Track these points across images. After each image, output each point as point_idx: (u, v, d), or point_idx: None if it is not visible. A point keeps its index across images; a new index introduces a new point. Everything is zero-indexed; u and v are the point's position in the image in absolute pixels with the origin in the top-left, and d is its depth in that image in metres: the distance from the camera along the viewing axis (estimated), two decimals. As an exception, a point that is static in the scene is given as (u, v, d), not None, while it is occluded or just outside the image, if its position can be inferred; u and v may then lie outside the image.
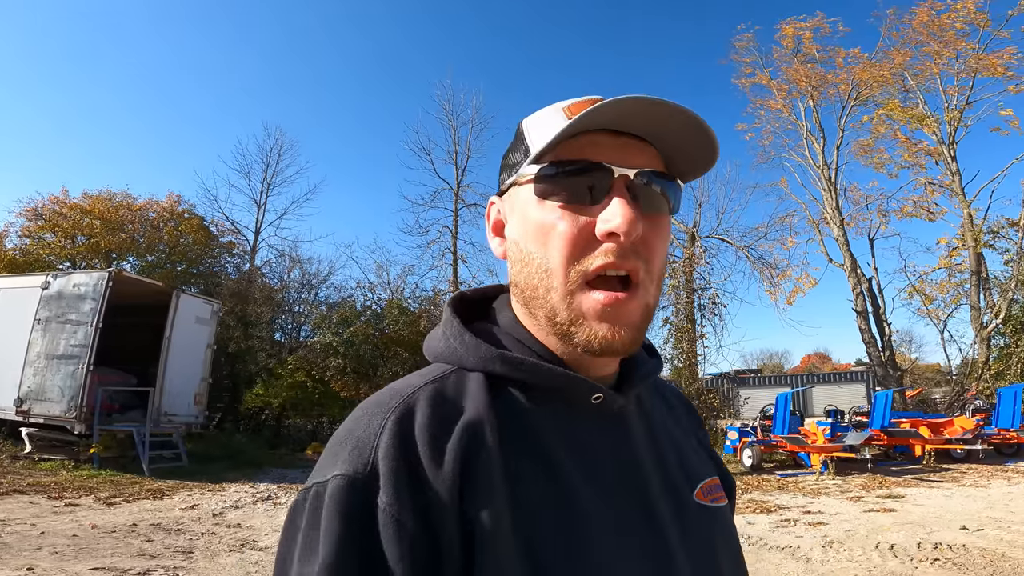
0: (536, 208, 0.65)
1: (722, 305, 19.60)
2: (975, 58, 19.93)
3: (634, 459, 0.68)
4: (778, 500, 9.09)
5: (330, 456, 0.59)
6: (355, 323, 16.72)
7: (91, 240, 20.84)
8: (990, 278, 19.14)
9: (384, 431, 0.57)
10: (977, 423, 12.52)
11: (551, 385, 0.65)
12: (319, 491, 0.56)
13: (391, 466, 0.54)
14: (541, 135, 0.65)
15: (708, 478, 0.75)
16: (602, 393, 0.66)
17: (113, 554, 5.82)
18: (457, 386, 0.64)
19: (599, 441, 0.66)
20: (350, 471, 0.55)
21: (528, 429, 0.62)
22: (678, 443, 0.77)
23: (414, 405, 0.60)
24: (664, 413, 0.80)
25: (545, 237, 0.64)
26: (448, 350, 0.68)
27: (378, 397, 0.63)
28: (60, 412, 11.50)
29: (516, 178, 0.68)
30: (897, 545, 6.14)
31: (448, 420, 0.59)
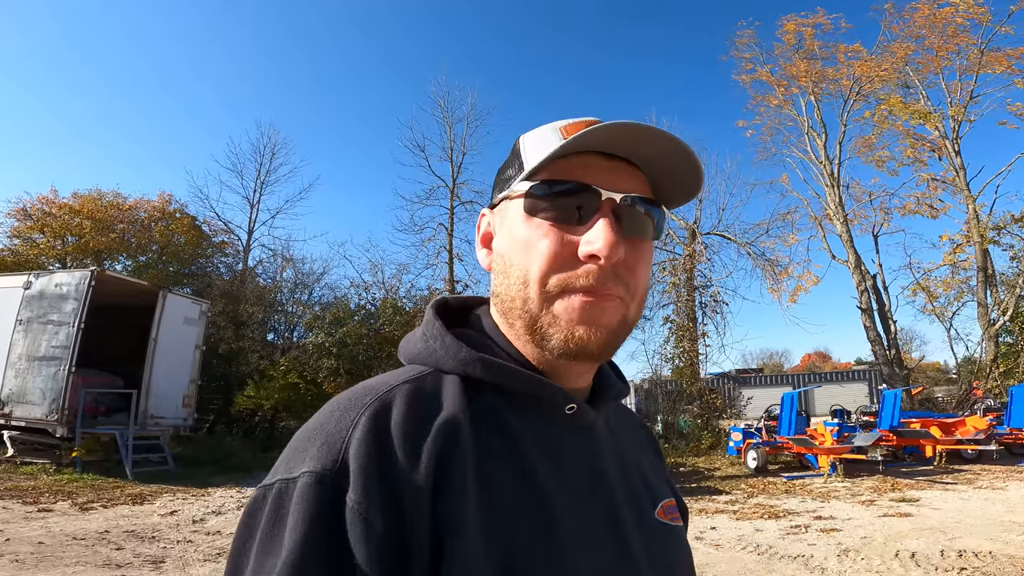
0: (524, 223, 0.66)
1: (724, 303, 19.29)
2: (977, 53, 19.64)
3: (602, 470, 0.68)
4: (786, 504, 8.73)
5: (297, 452, 0.57)
6: (348, 323, 16.38)
7: (81, 240, 20.58)
8: (996, 275, 18.82)
9: (357, 427, 0.56)
10: (990, 423, 12.16)
11: (528, 391, 0.65)
12: (283, 488, 0.54)
13: (362, 463, 0.53)
14: (535, 153, 0.67)
15: (666, 499, 0.77)
16: (576, 404, 0.67)
17: (77, 563, 5.46)
18: (435, 386, 0.63)
19: (572, 450, 0.67)
20: (318, 467, 0.53)
21: (504, 433, 0.62)
22: (640, 464, 0.78)
23: (391, 402, 0.59)
24: (627, 434, 0.81)
25: (528, 251, 0.65)
26: (426, 351, 0.68)
27: (351, 393, 0.62)
28: (41, 415, 11.17)
29: (508, 193, 0.69)
30: (919, 553, 5.77)
31: (425, 419, 0.58)
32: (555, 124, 0.69)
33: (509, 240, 0.68)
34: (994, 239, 18.74)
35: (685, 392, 17.91)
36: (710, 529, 7.28)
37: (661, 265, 20.02)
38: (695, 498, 9.61)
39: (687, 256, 19.28)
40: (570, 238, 0.63)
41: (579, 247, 0.62)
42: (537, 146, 0.67)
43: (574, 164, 0.65)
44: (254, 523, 0.54)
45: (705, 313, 19.13)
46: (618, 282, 0.63)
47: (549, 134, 0.68)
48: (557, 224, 0.64)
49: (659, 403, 18.85)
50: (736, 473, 12.49)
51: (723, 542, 6.62)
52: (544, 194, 0.64)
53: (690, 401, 17.67)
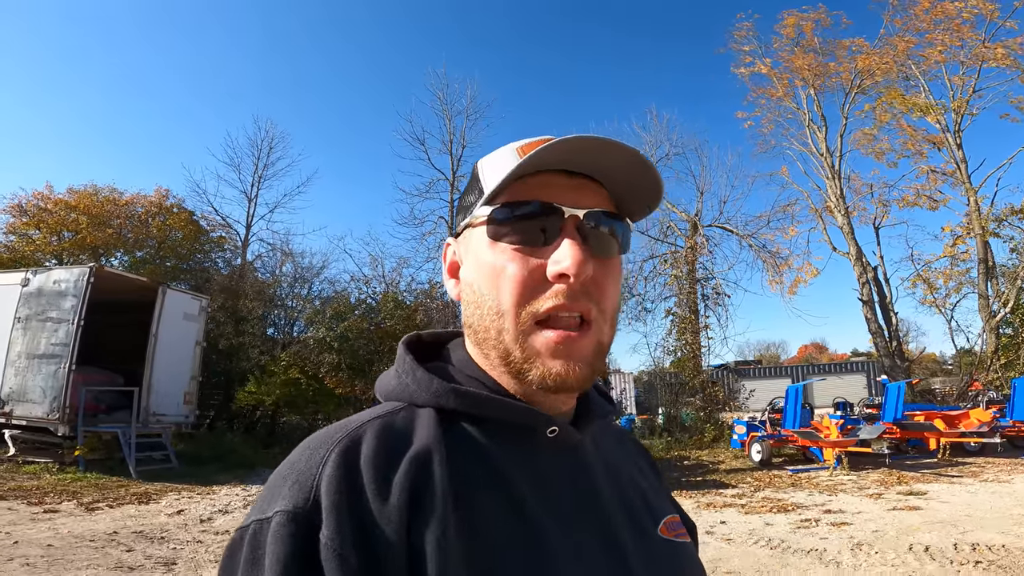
0: (488, 250, 0.65)
1: (726, 295, 19.25)
2: (980, 47, 19.59)
3: (593, 492, 0.67)
4: (794, 498, 8.72)
5: (271, 492, 0.56)
6: (349, 317, 16.26)
7: (77, 236, 20.41)
8: (997, 267, 18.84)
9: (327, 464, 0.55)
10: (993, 415, 12.16)
11: (506, 419, 0.63)
12: (258, 529, 0.54)
13: (333, 499, 0.53)
14: (494, 175, 0.65)
15: (669, 515, 0.75)
16: (557, 427, 0.65)
17: (89, 566, 5.40)
18: (407, 421, 0.63)
19: (556, 473, 0.65)
20: (290, 506, 0.53)
21: (483, 461, 0.61)
22: (637, 482, 0.76)
23: (360, 438, 0.58)
24: (620, 453, 0.79)
25: (497, 279, 0.63)
26: (400, 387, 0.68)
27: (323, 431, 0.61)
28: (42, 413, 11.08)
29: (470, 220, 0.68)
30: (932, 547, 5.76)
31: (395, 453, 0.58)
32: (512, 145, 0.69)
33: (476, 268, 0.67)
34: (994, 231, 18.78)
35: (687, 385, 17.90)
36: (720, 523, 7.27)
37: (663, 258, 20.04)
38: (702, 492, 9.61)
39: (689, 248, 19.23)
40: (537, 261, 0.62)
41: (547, 268, 0.62)
42: (496, 169, 0.66)
43: (534, 184, 0.64)
44: (234, 565, 0.54)
45: (707, 305, 19.14)
46: (588, 300, 0.62)
47: (507, 155, 0.67)
48: (523, 247, 0.63)
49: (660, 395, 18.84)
50: (740, 466, 12.49)
51: (734, 536, 6.61)
52: (506, 217, 0.64)
53: (692, 394, 17.68)
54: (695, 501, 8.80)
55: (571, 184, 0.65)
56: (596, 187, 0.67)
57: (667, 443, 15.81)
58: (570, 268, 0.60)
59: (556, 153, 0.61)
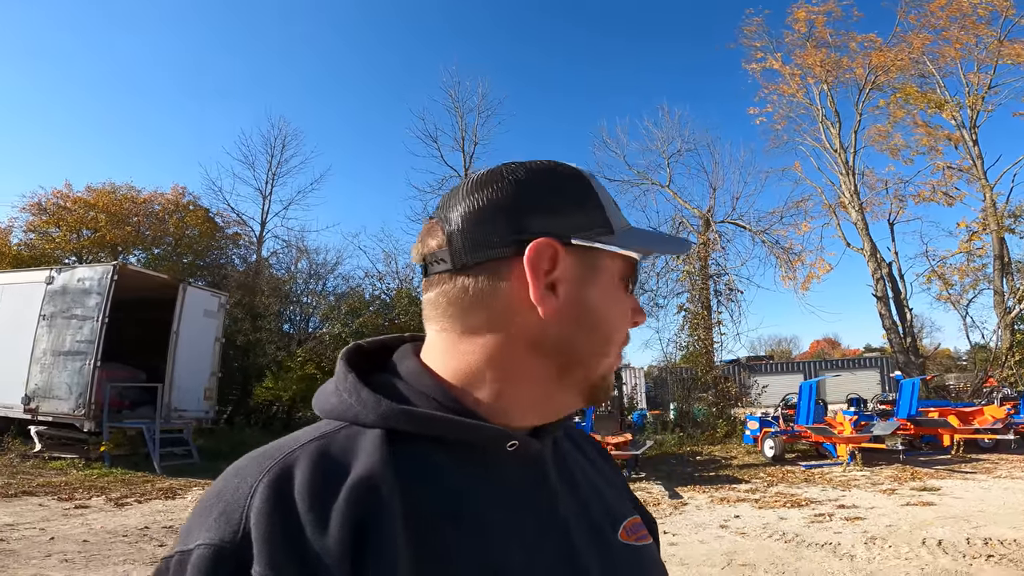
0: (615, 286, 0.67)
1: (739, 291, 19.27)
2: (996, 43, 19.43)
3: (555, 505, 0.65)
4: (807, 493, 8.81)
5: (195, 521, 0.53)
6: (364, 313, 16.49)
7: (96, 234, 20.69)
8: (1013, 262, 18.74)
9: (256, 494, 0.51)
10: (1007, 412, 12.15)
11: (462, 438, 0.60)
12: (181, 560, 0.50)
13: (265, 533, 0.49)
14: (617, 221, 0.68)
15: (629, 517, 0.74)
16: (517, 440, 0.62)
17: (125, 561, 5.58)
18: (348, 442, 0.58)
19: (517, 488, 0.63)
20: (216, 539, 0.50)
21: (437, 484, 0.58)
22: (596, 485, 0.75)
23: (293, 464, 0.54)
24: (578, 457, 0.77)
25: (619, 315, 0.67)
26: (341, 406, 0.62)
27: (253, 456, 0.57)
28: (68, 410, 11.28)
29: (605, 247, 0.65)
30: (945, 541, 5.84)
31: (334, 480, 0.53)
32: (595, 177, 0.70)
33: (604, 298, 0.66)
34: (1010, 227, 18.66)
35: (699, 380, 17.95)
36: (734, 518, 7.37)
37: (675, 254, 19.93)
38: (715, 487, 9.70)
39: (701, 244, 19.23)
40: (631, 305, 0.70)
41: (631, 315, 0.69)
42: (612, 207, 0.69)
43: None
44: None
45: (720, 301, 19.17)
46: None
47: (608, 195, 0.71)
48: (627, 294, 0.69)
49: (672, 391, 18.91)
50: (753, 462, 12.55)
51: (748, 530, 6.71)
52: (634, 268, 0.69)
53: (704, 389, 17.72)
54: (708, 496, 8.91)
55: None
56: None
57: (679, 438, 15.89)
58: (644, 319, 0.71)
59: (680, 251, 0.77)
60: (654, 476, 10.95)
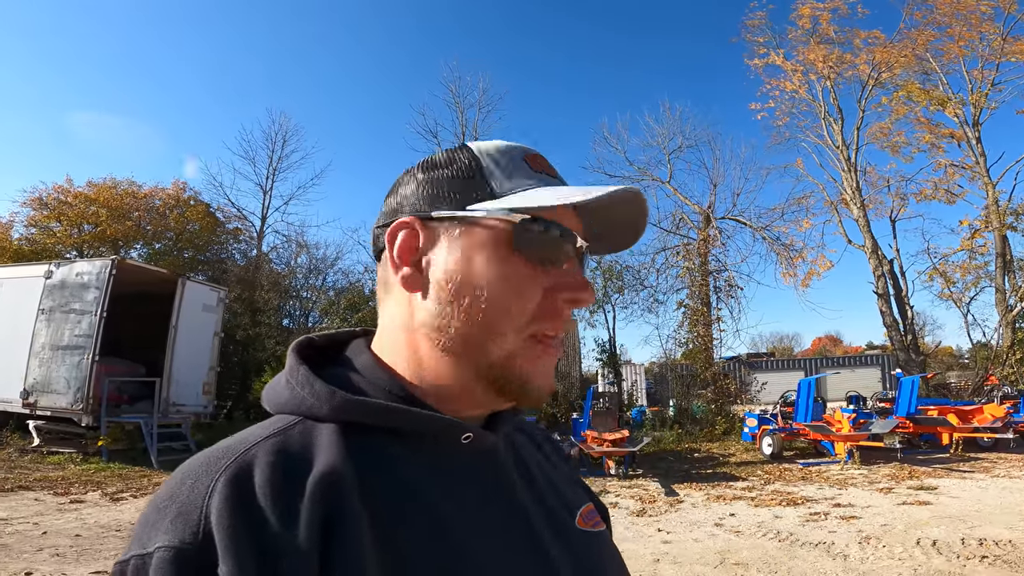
0: (504, 259, 0.61)
1: (739, 287, 19.21)
2: (1000, 41, 19.30)
3: (512, 494, 0.65)
4: (803, 491, 8.78)
5: (148, 524, 0.50)
6: (363, 308, 16.48)
7: (97, 228, 20.74)
8: (1015, 261, 18.67)
9: (213, 494, 0.49)
10: (1007, 411, 12.09)
11: (418, 429, 0.60)
12: (139, 564, 0.48)
13: (228, 532, 0.47)
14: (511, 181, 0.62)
15: (584, 504, 0.74)
16: (472, 432, 0.62)
17: (116, 555, 5.55)
18: (304, 438, 0.56)
19: (474, 480, 0.62)
20: (176, 541, 0.47)
21: (395, 475, 0.57)
22: (550, 476, 0.74)
23: (251, 461, 0.52)
24: (532, 449, 0.77)
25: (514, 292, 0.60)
26: (294, 400, 0.60)
27: (204, 455, 0.55)
28: (66, 404, 11.31)
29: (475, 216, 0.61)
30: (940, 541, 5.81)
31: (297, 475, 0.52)
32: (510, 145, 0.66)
33: (483, 271, 0.61)
34: (1012, 225, 18.58)
35: (699, 377, 17.92)
36: (729, 516, 7.35)
37: (675, 250, 20.00)
38: (712, 484, 9.68)
39: (701, 241, 19.19)
40: (551, 281, 0.62)
41: (560, 291, 0.61)
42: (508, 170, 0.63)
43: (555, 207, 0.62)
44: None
45: (720, 298, 19.11)
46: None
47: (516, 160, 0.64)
48: (542, 266, 0.61)
49: (672, 387, 18.89)
50: (751, 459, 12.53)
51: (743, 528, 6.69)
52: (533, 232, 0.60)
53: (704, 386, 17.68)
54: (705, 493, 8.89)
55: (572, 212, 0.64)
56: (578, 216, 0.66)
57: (678, 435, 15.87)
58: (588, 298, 0.62)
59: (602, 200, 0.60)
60: (651, 473, 10.93)
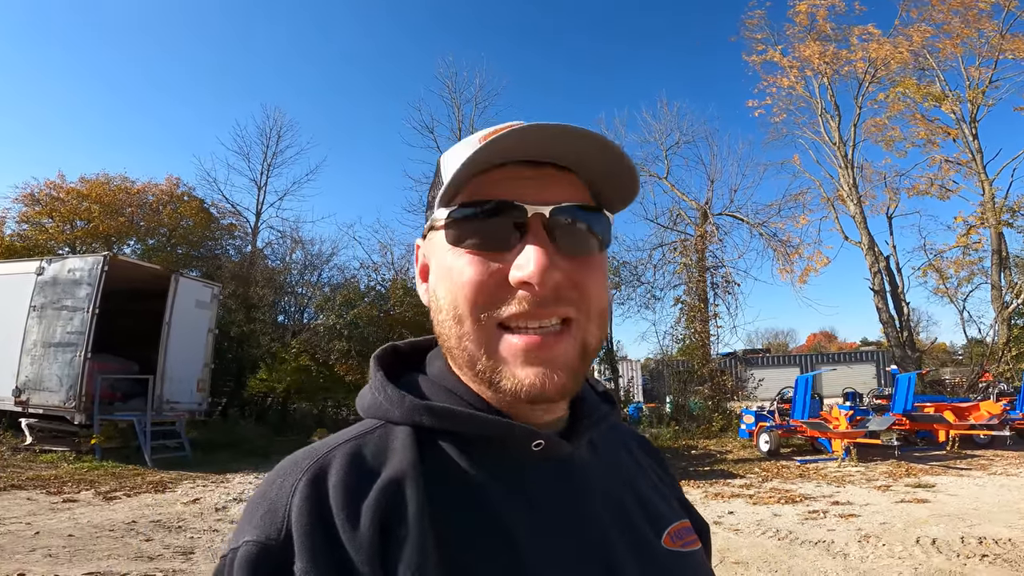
0: (449, 254, 0.60)
1: (736, 284, 19.21)
2: (998, 38, 19.27)
3: (589, 508, 0.62)
4: (802, 489, 8.77)
5: (245, 520, 0.55)
6: (359, 304, 16.33)
7: (90, 225, 20.62)
8: (1011, 257, 18.68)
9: (296, 492, 0.54)
10: (1003, 408, 12.11)
11: (485, 434, 0.59)
12: (232, 558, 0.52)
13: (304, 531, 0.51)
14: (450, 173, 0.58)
15: (676, 522, 0.70)
16: (543, 440, 0.60)
17: (110, 556, 5.51)
18: (381, 442, 0.60)
19: (547, 492, 0.61)
20: (262, 537, 0.52)
21: (462, 482, 0.58)
22: (639, 489, 0.71)
23: (329, 464, 0.56)
24: (624, 458, 0.75)
25: (454, 284, 0.59)
26: (374, 404, 0.64)
27: (294, 457, 0.59)
28: (59, 402, 11.22)
29: (431, 222, 0.63)
30: (939, 540, 5.81)
31: (366, 478, 0.55)
32: (477, 135, 0.63)
33: (437, 273, 0.63)
34: (1008, 222, 18.61)
35: (696, 373, 17.91)
36: (728, 514, 7.33)
37: (672, 246, 20.00)
38: (709, 482, 9.67)
39: (698, 237, 19.18)
40: (498, 265, 0.57)
41: (509, 273, 0.56)
42: (455, 164, 0.58)
43: (498, 178, 0.59)
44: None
45: (717, 294, 19.12)
46: (567, 304, 0.58)
47: (468, 148, 0.59)
48: (484, 251, 0.58)
49: (669, 384, 18.88)
50: (748, 456, 12.54)
51: (742, 527, 6.67)
52: (465, 218, 0.58)
53: (700, 382, 17.68)
54: (703, 491, 8.86)
55: (536, 175, 0.59)
56: (568, 178, 0.61)
57: (675, 432, 15.85)
58: (533, 275, 0.55)
59: (516, 143, 0.56)
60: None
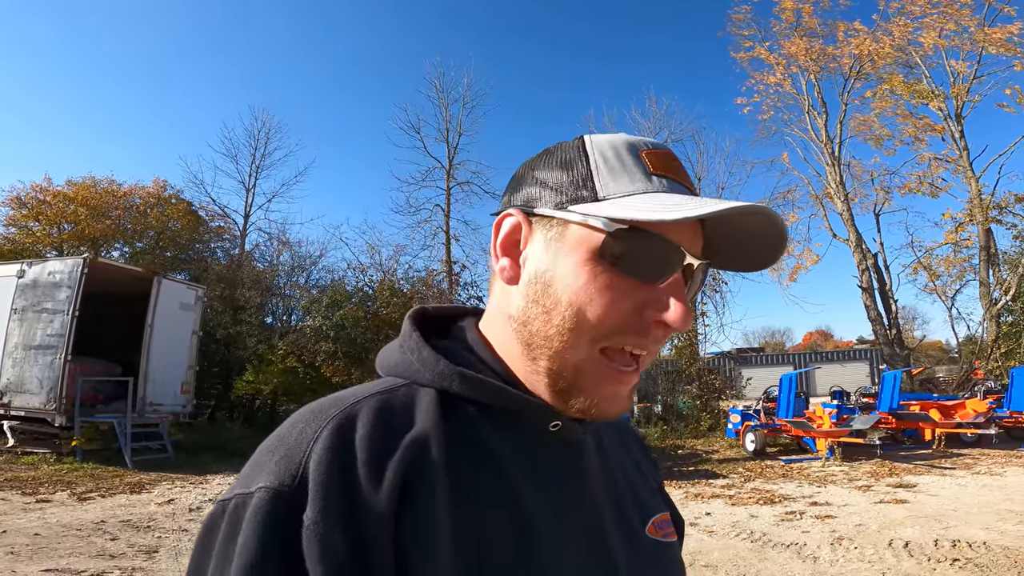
0: (591, 263, 0.58)
1: (723, 282, 19.16)
2: (981, 32, 19.23)
3: (590, 490, 0.65)
4: (783, 489, 8.71)
5: (257, 465, 0.53)
6: (345, 306, 16.28)
7: (76, 228, 20.57)
8: (999, 254, 18.65)
9: (319, 440, 0.52)
10: (989, 406, 12.07)
11: (510, 407, 0.61)
12: (240, 503, 0.51)
13: (322, 479, 0.50)
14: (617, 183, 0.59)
15: (659, 513, 0.74)
16: (561, 421, 0.62)
17: (71, 554, 5.47)
18: (407, 400, 0.60)
19: (555, 468, 0.63)
20: (275, 483, 0.50)
21: (482, 450, 0.59)
22: (632, 479, 0.74)
23: (356, 415, 0.55)
24: (619, 449, 0.77)
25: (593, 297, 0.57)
26: (403, 363, 0.64)
27: (317, 404, 0.58)
28: (40, 404, 11.15)
29: (575, 217, 0.59)
30: (912, 543, 5.73)
31: (394, 434, 0.55)
32: (630, 141, 0.62)
33: (565, 271, 0.59)
34: (996, 218, 18.57)
35: (684, 372, 17.86)
36: (705, 515, 7.27)
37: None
38: (692, 482, 9.61)
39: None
40: (643, 297, 0.57)
41: (649, 308, 0.57)
42: (617, 171, 0.59)
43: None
44: (211, 541, 0.51)
45: (704, 292, 19.00)
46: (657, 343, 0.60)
47: (629, 157, 0.60)
48: (635, 280, 0.57)
49: (658, 384, 18.83)
50: (734, 456, 12.49)
51: (717, 528, 6.61)
52: (629, 240, 0.56)
53: (689, 382, 17.64)
54: (684, 492, 8.80)
55: (694, 228, 0.60)
56: (700, 230, 0.61)
57: (662, 432, 15.80)
58: (677, 323, 0.56)
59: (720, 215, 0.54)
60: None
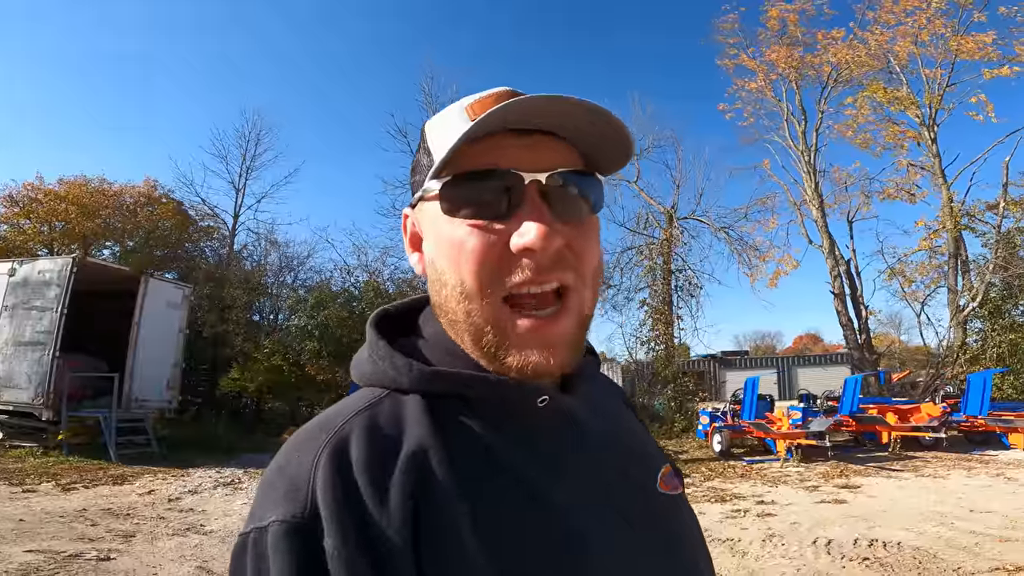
0: (447, 225, 0.60)
1: (698, 286, 19.59)
2: (955, 40, 19.55)
3: (595, 457, 0.65)
4: (737, 489, 9.08)
5: (264, 498, 0.54)
6: (330, 306, 16.63)
7: (67, 226, 20.74)
8: (969, 261, 18.96)
9: (319, 467, 0.52)
10: (944, 410, 12.44)
11: (493, 395, 0.60)
12: (257, 537, 0.51)
13: (332, 506, 0.50)
14: (441, 143, 0.60)
15: (664, 465, 0.73)
16: (548, 395, 0.61)
17: (53, 537, 5.84)
18: (393, 411, 0.59)
19: (555, 443, 0.62)
20: (288, 515, 0.51)
21: (481, 446, 0.58)
22: (634, 433, 0.75)
23: (347, 437, 0.55)
24: (614, 406, 0.77)
25: (457, 256, 0.59)
26: (378, 372, 0.63)
27: (307, 429, 0.58)
28: (28, 399, 11.48)
29: (422, 192, 0.63)
30: (834, 541, 6.06)
31: (388, 452, 0.54)
32: (461, 103, 0.63)
33: (435, 245, 0.62)
34: (966, 226, 18.87)
35: (660, 375, 18.25)
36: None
37: (639, 249, 20.34)
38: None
39: (664, 240, 19.54)
40: (498, 233, 0.58)
41: (511, 241, 0.57)
42: (444, 133, 0.61)
43: (488, 146, 0.59)
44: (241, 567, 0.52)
45: (680, 296, 19.48)
46: (563, 267, 0.59)
47: (455, 118, 0.61)
48: (482, 220, 0.58)
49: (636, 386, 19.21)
50: (702, 456, 12.82)
51: (663, 526, 6.96)
52: (459, 188, 0.58)
53: (665, 384, 18.01)
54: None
55: (528, 142, 0.59)
56: (557, 143, 0.61)
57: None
58: (535, 242, 0.55)
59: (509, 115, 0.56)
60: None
